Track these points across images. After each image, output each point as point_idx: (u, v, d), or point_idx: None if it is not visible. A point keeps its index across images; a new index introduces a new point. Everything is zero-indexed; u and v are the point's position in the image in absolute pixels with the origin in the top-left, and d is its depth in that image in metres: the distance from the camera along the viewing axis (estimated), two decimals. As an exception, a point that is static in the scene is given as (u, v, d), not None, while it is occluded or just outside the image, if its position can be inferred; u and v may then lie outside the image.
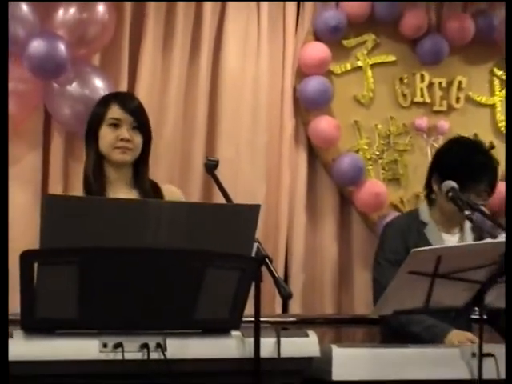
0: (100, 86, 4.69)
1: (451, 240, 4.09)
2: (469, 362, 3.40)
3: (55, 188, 4.73)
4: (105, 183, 3.60)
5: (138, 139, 3.60)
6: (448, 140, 4.46)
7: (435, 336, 3.76)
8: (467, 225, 4.14)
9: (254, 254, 3.07)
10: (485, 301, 3.35)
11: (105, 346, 2.94)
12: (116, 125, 3.57)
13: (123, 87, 4.90)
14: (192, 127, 5.11)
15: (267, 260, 3.05)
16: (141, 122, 3.63)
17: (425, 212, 4.13)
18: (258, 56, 5.27)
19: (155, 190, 3.65)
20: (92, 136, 3.62)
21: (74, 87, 4.68)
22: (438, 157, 4.25)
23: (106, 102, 3.68)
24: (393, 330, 3.88)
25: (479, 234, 4.08)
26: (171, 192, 3.71)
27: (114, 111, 3.60)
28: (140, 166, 3.66)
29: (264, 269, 3.04)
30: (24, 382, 2.79)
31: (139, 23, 5.03)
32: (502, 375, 3.34)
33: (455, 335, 3.74)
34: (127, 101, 3.70)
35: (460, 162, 4.06)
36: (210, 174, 3.52)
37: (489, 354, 3.35)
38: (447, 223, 4.11)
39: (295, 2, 5.37)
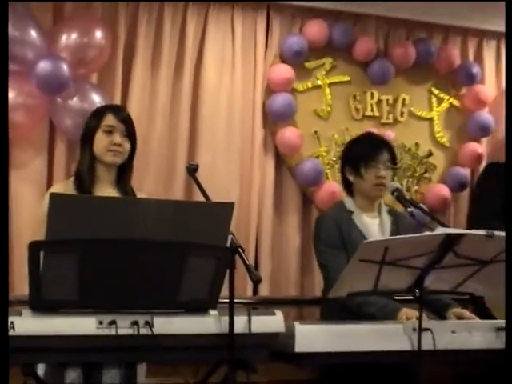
0: (97, 100, 4.69)
1: (374, 223, 4.08)
2: (410, 335, 3.40)
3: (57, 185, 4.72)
4: (94, 181, 3.58)
5: (127, 145, 3.59)
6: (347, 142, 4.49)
7: (388, 314, 3.76)
8: (383, 209, 4.15)
9: (228, 245, 3.07)
10: (424, 284, 3.36)
11: (101, 323, 2.93)
12: (110, 131, 3.56)
13: (117, 101, 4.89)
14: (176, 136, 5.11)
15: (240, 250, 3.05)
16: (130, 130, 3.61)
17: (349, 202, 4.13)
18: (233, 75, 5.27)
19: (132, 193, 3.65)
20: (88, 140, 3.60)
21: (74, 102, 4.68)
22: (344, 154, 4.26)
23: (101, 111, 3.66)
24: (336, 309, 3.87)
25: (396, 219, 4.13)
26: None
27: (109, 119, 3.58)
28: (125, 169, 3.65)
29: (237, 257, 3.04)
30: (31, 353, 2.79)
31: (131, 47, 5.03)
32: (438, 346, 3.37)
33: (404, 312, 3.75)
34: (120, 111, 3.69)
35: (360, 145, 4.14)
36: (191, 176, 3.51)
37: (427, 329, 3.37)
38: (368, 209, 4.11)
39: (264, 30, 5.36)
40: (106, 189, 3.58)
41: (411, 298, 3.47)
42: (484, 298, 4.08)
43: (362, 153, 4.08)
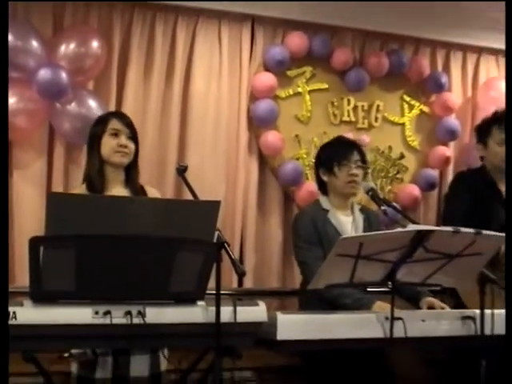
0: (94, 106, 4.69)
1: (348, 220, 4.11)
2: (383, 324, 3.41)
3: (57, 187, 4.72)
4: (105, 182, 3.58)
5: (132, 146, 3.61)
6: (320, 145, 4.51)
7: (363, 306, 3.77)
8: (356, 208, 4.17)
9: (215, 240, 3.06)
10: (396, 276, 3.37)
11: (96, 313, 2.92)
12: (116, 134, 3.58)
13: (112, 107, 4.89)
14: (166, 139, 5.10)
15: (226, 245, 3.05)
16: (134, 133, 3.64)
17: (324, 201, 4.14)
18: (220, 83, 5.26)
19: (142, 192, 3.64)
20: (95, 144, 3.60)
21: (73, 107, 4.68)
22: (317, 156, 4.28)
23: (106, 117, 3.69)
24: (314, 301, 3.87)
25: (368, 217, 4.15)
26: (152, 193, 3.71)
27: (114, 124, 3.60)
28: (131, 169, 3.65)
29: (223, 251, 3.04)
30: (32, 341, 2.78)
31: (125, 56, 5.02)
32: (409, 334, 3.38)
33: (378, 305, 3.75)
34: (123, 117, 3.72)
35: (333, 147, 4.19)
36: (181, 177, 3.51)
37: (399, 318, 3.38)
38: (342, 207, 4.13)
39: (249, 41, 5.36)
40: (116, 189, 3.60)
41: (384, 289, 3.48)
42: (457, 289, 4.09)
43: (334, 153, 4.11)
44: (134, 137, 3.63)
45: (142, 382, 3.43)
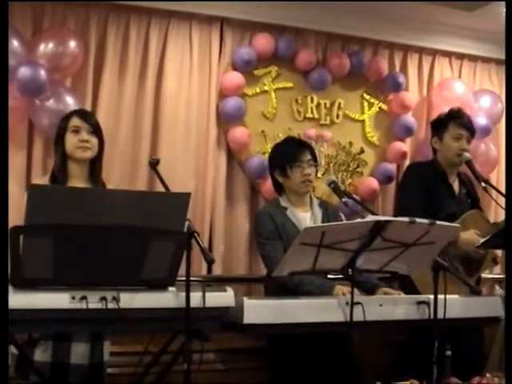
0: (71, 102, 4.66)
1: (306, 216, 4.13)
2: (344, 308, 3.44)
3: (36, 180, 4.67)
4: (67, 177, 3.57)
5: (94, 140, 3.59)
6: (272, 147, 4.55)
7: (324, 291, 3.79)
8: (315, 202, 4.18)
9: (185, 230, 3.07)
10: (356, 264, 3.39)
11: (73, 298, 2.94)
12: (77, 131, 3.57)
13: (88, 103, 4.86)
14: (140, 134, 5.08)
15: (195, 234, 3.06)
16: (95, 128, 3.62)
17: (283, 200, 4.16)
18: (191, 81, 5.25)
19: (103, 186, 3.63)
20: (59, 142, 3.61)
21: (51, 103, 4.65)
22: (270, 158, 4.33)
23: (68, 116, 3.68)
24: (279, 287, 3.89)
25: (326, 211, 4.17)
26: None
27: (75, 121, 3.60)
28: (96, 163, 3.64)
29: (193, 241, 3.05)
30: (12, 325, 2.75)
31: (101, 56, 4.99)
32: (368, 318, 3.42)
33: (339, 289, 3.78)
34: (84, 113, 3.72)
35: (284, 148, 4.22)
36: (153, 169, 3.51)
37: (358, 303, 3.40)
38: (300, 204, 4.15)
39: (218, 42, 5.35)
40: (79, 183, 3.57)
41: (343, 277, 3.51)
42: (411, 276, 4.13)
43: (286, 155, 4.12)
44: (95, 132, 3.62)
45: (81, 370, 3.36)
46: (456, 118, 4.65)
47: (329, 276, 4.12)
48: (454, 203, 4.55)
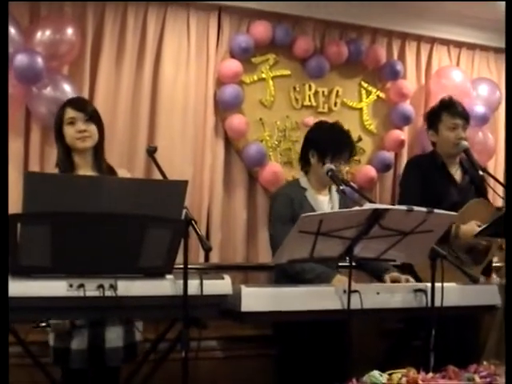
0: (68, 90, 4.65)
1: (325, 200, 4.08)
2: (341, 296, 3.44)
3: (34, 167, 4.68)
4: (72, 168, 3.55)
5: (92, 128, 3.55)
6: (315, 123, 4.41)
7: (324, 280, 3.78)
8: (333, 188, 4.16)
9: (183, 218, 3.07)
10: (353, 252, 3.40)
11: (71, 286, 2.94)
12: (72, 122, 3.54)
13: (85, 91, 4.85)
14: (137, 122, 5.08)
15: (193, 222, 3.05)
16: (91, 115, 3.58)
17: (303, 180, 4.12)
18: (188, 69, 5.24)
19: (110, 171, 3.61)
20: (58, 134, 3.59)
21: (48, 91, 4.64)
22: (312, 136, 4.21)
23: (62, 107, 3.64)
24: (285, 275, 3.89)
25: (343, 197, 4.10)
26: (123, 173, 3.68)
27: (69, 113, 3.56)
28: (98, 151, 3.62)
29: (191, 228, 3.05)
30: (10, 312, 2.75)
31: (98, 43, 4.98)
32: (365, 306, 3.42)
33: (337, 279, 3.77)
34: (78, 102, 3.67)
35: (331, 139, 4.05)
36: (151, 157, 3.50)
37: (355, 291, 3.41)
38: (320, 187, 4.11)
39: (216, 29, 5.34)
40: (85, 172, 3.56)
41: (346, 264, 3.51)
42: (413, 265, 4.13)
43: (331, 147, 4.00)
44: (92, 119, 3.57)
45: (117, 352, 3.44)
46: (449, 108, 4.62)
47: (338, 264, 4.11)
48: (456, 193, 4.54)
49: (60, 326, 3.37)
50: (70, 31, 4.69)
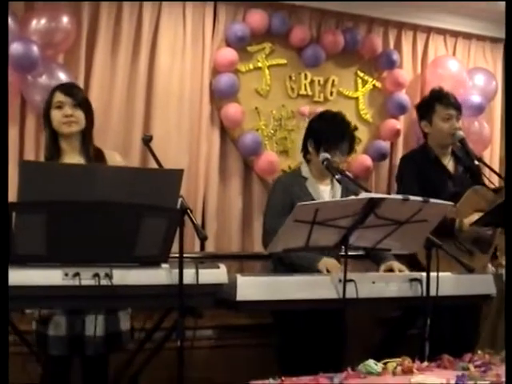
0: (63, 78, 4.63)
1: (326, 189, 4.08)
2: (337, 285, 3.44)
3: (29, 155, 4.66)
4: (59, 152, 3.54)
5: (79, 113, 3.53)
6: (319, 113, 4.42)
7: (312, 263, 3.78)
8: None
9: (178, 207, 3.06)
10: (349, 241, 3.40)
11: (66, 275, 2.93)
12: (60, 106, 3.53)
13: (81, 80, 4.83)
14: (133, 111, 5.06)
15: (188, 211, 3.05)
16: (79, 100, 3.56)
17: (305, 169, 4.13)
18: (184, 58, 5.22)
19: (98, 155, 3.59)
20: (46, 118, 3.58)
21: (43, 79, 4.62)
22: (312, 125, 4.23)
23: (52, 92, 3.63)
24: (282, 264, 3.90)
25: (345, 186, 4.10)
26: (113, 156, 3.66)
27: (58, 96, 3.55)
28: (85, 136, 3.60)
29: (186, 217, 3.04)
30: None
31: (94, 31, 4.95)
32: (360, 295, 3.43)
33: (323, 262, 3.77)
34: (66, 88, 3.65)
35: (328, 129, 4.05)
36: (146, 146, 3.50)
37: (351, 280, 3.41)
38: (321, 177, 4.11)
39: (212, 18, 5.32)
40: (72, 157, 3.55)
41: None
42: (416, 254, 4.12)
43: (327, 138, 4.02)
44: (80, 104, 3.55)
45: (97, 341, 3.38)
46: (442, 99, 4.62)
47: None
48: (452, 184, 4.54)
49: (37, 313, 3.37)
50: (65, 19, 4.67)
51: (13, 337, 3.27)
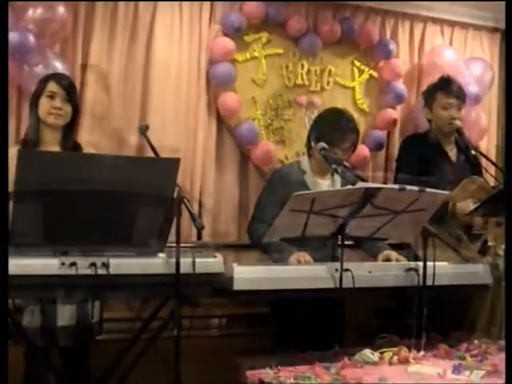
0: (60, 68, 4.61)
1: (325, 183, 4.09)
2: (333, 275, 3.44)
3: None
4: (40, 141, 3.57)
5: (68, 108, 3.58)
6: (325, 109, 4.44)
7: (284, 257, 3.79)
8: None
9: (175, 196, 3.06)
10: (345, 231, 3.40)
11: (63, 264, 2.93)
12: (52, 96, 3.55)
13: (77, 69, 4.82)
14: (130, 100, 5.04)
15: (185, 200, 3.05)
16: (71, 95, 3.61)
17: (305, 163, 4.13)
18: (181, 47, 5.20)
19: (76, 149, 3.63)
20: (34, 105, 3.60)
21: (39, 68, 4.59)
22: (316, 122, 4.25)
23: (45, 79, 3.66)
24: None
25: (346, 180, 4.10)
26: (89, 151, 3.70)
27: (51, 86, 3.58)
28: (68, 130, 3.62)
29: (183, 207, 3.04)
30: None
31: (90, 20, 4.93)
32: (357, 285, 3.42)
33: (294, 257, 3.77)
34: (62, 79, 3.68)
35: (330, 126, 4.06)
36: (143, 135, 3.49)
37: (347, 270, 3.41)
38: (321, 171, 4.12)
39: (209, 7, 5.30)
40: (50, 148, 3.55)
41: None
42: (411, 244, 4.13)
43: (331, 136, 4.01)
44: (70, 99, 3.60)
45: (68, 331, 3.44)
46: (444, 87, 4.65)
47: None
48: (451, 171, 4.56)
49: (11, 305, 3.36)
50: (61, 9, 4.65)
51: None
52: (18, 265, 2.84)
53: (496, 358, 3.06)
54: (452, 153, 4.65)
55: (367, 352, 2.98)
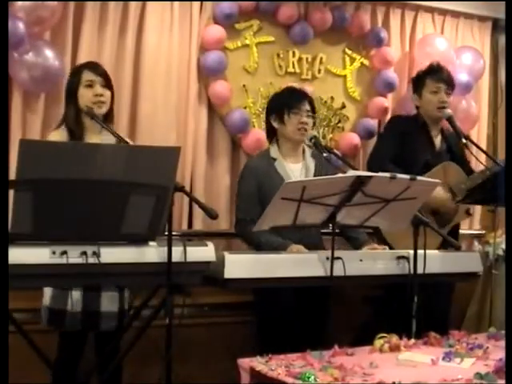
0: (50, 55, 4.60)
1: (296, 168, 4.11)
2: (324, 263, 3.46)
3: (16, 133, 4.59)
4: (83, 132, 3.61)
5: (108, 94, 3.66)
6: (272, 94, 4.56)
7: (278, 249, 3.80)
8: (307, 153, 4.18)
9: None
10: (336, 219, 3.40)
11: (54, 253, 2.93)
12: (90, 85, 3.60)
13: (67, 57, 4.79)
14: (120, 89, 4.99)
15: (184, 189, 3.09)
16: (108, 80, 3.68)
17: (274, 150, 4.15)
18: (171, 35, 5.18)
19: (121, 139, 3.63)
20: (72, 97, 3.63)
21: (30, 56, 4.57)
22: (269, 104, 4.34)
23: (80, 69, 3.71)
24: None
25: (320, 161, 4.12)
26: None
27: (88, 75, 3.63)
28: (108, 117, 3.68)
29: (182, 195, 3.05)
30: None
31: (80, 8, 4.90)
32: (348, 273, 3.44)
33: (290, 249, 3.78)
34: (96, 67, 3.74)
35: (284, 96, 4.21)
36: (93, 119, 3.55)
37: (338, 258, 3.42)
38: (292, 155, 4.14)
39: (200, -6, 5.30)
40: (94, 137, 3.61)
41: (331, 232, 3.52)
42: (382, 231, 4.17)
43: (286, 102, 4.10)
44: (108, 85, 3.67)
45: (111, 317, 3.53)
46: (433, 73, 4.71)
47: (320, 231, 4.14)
48: (431, 155, 4.61)
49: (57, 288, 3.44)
50: (51, -4, 4.63)
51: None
52: (9, 254, 2.83)
53: (486, 345, 3.08)
54: (437, 139, 4.70)
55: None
